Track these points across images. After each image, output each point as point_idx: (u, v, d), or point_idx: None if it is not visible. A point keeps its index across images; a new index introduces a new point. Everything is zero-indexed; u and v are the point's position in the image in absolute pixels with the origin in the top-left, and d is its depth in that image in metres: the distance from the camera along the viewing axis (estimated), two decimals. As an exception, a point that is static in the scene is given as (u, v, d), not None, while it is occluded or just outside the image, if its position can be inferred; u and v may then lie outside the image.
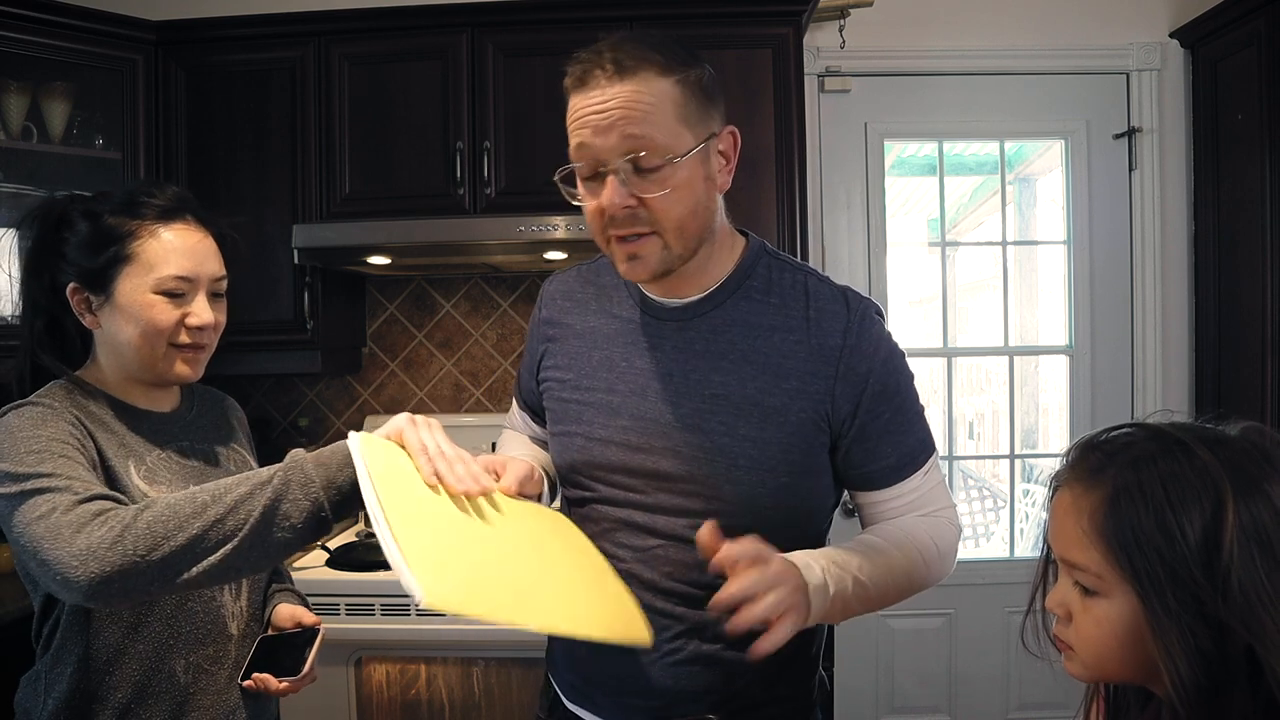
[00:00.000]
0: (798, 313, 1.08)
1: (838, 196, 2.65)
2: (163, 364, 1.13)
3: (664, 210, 0.99)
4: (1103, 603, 0.73)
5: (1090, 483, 0.74)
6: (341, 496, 0.94)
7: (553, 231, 2.07)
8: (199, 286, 1.14)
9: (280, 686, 1.16)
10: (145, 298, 1.10)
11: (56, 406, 1.06)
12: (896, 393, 1.08)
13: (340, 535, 2.34)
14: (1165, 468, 0.71)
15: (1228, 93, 2.37)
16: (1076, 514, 0.74)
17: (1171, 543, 0.69)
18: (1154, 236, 2.60)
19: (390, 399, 2.67)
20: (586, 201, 1.03)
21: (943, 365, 2.72)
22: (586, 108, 0.99)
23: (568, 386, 1.15)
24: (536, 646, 1.89)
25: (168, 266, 1.11)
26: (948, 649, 2.68)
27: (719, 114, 1.05)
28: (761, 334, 1.07)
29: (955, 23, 2.60)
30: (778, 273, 1.11)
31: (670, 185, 0.99)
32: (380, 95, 2.28)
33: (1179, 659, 0.68)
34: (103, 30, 2.22)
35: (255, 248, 2.26)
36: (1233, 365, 2.38)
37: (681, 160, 0.99)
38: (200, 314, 1.13)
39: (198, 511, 0.90)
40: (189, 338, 1.13)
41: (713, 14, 2.23)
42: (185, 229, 1.14)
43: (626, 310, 1.14)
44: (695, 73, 1.01)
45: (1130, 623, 0.72)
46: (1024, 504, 3.44)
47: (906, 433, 1.09)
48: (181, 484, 1.14)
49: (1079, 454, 0.77)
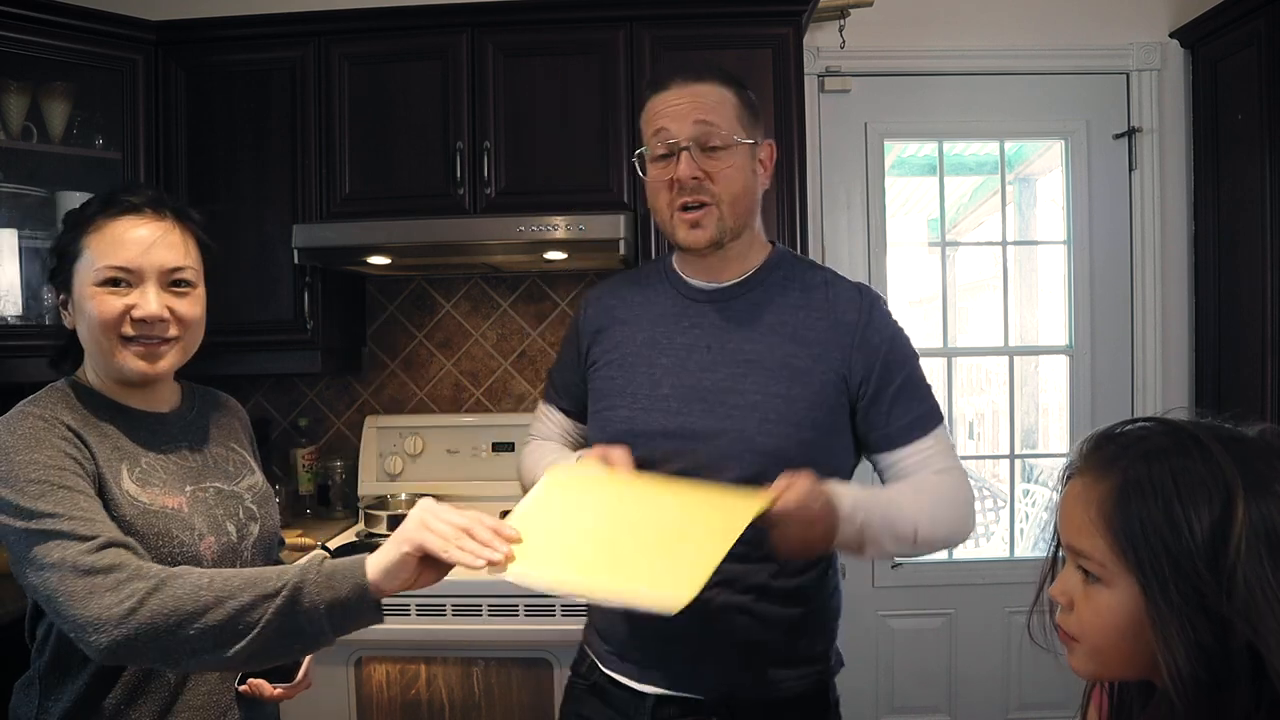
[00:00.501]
0: (819, 297, 1.28)
1: (838, 196, 2.65)
2: (116, 358, 1.10)
3: (723, 184, 1.22)
4: (1105, 591, 0.74)
5: (1101, 473, 0.74)
6: (346, 614, 0.93)
7: (553, 231, 2.07)
8: (145, 277, 1.10)
9: (274, 693, 1.16)
10: (88, 290, 1.09)
11: (48, 417, 1.05)
12: (905, 364, 1.26)
13: (340, 535, 2.34)
14: (1177, 462, 0.71)
15: (1228, 93, 2.37)
16: (1085, 503, 0.75)
17: (1177, 536, 0.69)
18: (1154, 236, 2.60)
19: (390, 399, 2.67)
20: (657, 178, 1.25)
21: (943, 365, 2.72)
22: (666, 101, 1.24)
23: (614, 365, 1.31)
24: (537, 646, 1.89)
25: (105, 257, 1.09)
26: (948, 649, 2.68)
27: (762, 129, 1.30)
28: (788, 311, 1.26)
29: (955, 23, 2.60)
30: (801, 269, 1.32)
31: (729, 164, 1.22)
32: (380, 95, 2.28)
33: (1178, 651, 0.68)
34: (103, 30, 2.22)
35: (255, 248, 2.26)
36: (1233, 365, 2.38)
37: (737, 146, 1.23)
38: (143, 305, 1.09)
39: (201, 610, 0.92)
40: (134, 329, 1.09)
41: (713, 14, 2.23)
42: (138, 221, 1.11)
43: (668, 297, 1.33)
44: (744, 92, 1.28)
45: (1132, 613, 0.72)
46: (1024, 504, 3.44)
47: (917, 400, 1.25)
48: (178, 485, 1.13)
49: (1093, 444, 0.78)
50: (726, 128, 1.23)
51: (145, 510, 1.07)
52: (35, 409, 1.07)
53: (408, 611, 1.89)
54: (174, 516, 1.09)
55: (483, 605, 1.87)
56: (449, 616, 1.88)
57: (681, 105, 1.22)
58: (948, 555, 2.76)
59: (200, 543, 1.11)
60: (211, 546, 1.12)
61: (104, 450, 1.08)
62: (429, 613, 1.88)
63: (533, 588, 0.96)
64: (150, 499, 1.09)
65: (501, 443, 2.53)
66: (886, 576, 2.67)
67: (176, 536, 1.08)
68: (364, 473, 2.54)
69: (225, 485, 1.20)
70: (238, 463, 1.25)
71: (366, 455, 2.55)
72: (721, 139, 1.22)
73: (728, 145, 1.22)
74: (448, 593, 1.87)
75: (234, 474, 1.23)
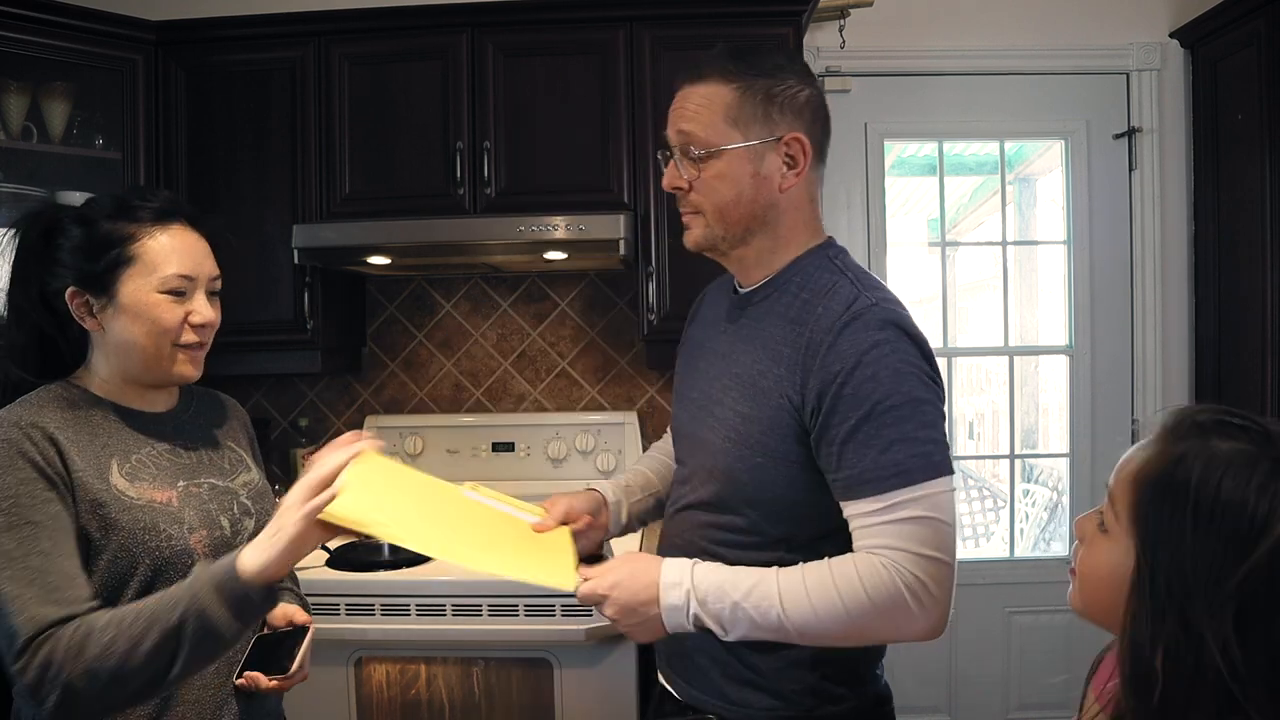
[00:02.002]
0: (809, 309, 1.13)
1: (838, 196, 2.65)
2: (167, 363, 1.15)
3: (705, 193, 1.16)
4: (1107, 542, 0.76)
5: (1168, 443, 0.74)
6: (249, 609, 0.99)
7: (553, 231, 2.07)
8: (199, 285, 1.16)
9: (270, 684, 1.17)
10: (151, 297, 1.12)
11: (14, 435, 1.04)
12: (870, 404, 1.03)
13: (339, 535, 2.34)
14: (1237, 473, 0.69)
15: (1228, 93, 2.37)
16: (1138, 461, 0.75)
17: (1197, 539, 0.69)
18: (1154, 236, 2.60)
19: (390, 399, 2.67)
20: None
21: (943, 365, 2.69)
22: (673, 103, 1.19)
23: (680, 362, 1.36)
24: (537, 646, 1.89)
25: (170, 265, 1.13)
26: (948, 649, 2.68)
27: (787, 122, 1.14)
28: (778, 324, 1.16)
29: (955, 23, 2.60)
30: (820, 272, 1.17)
31: (709, 174, 1.14)
32: (380, 95, 2.28)
33: (1142, 632, 0.69)
34: (103, 30, 2.22)
35: (255, 248, 2.26)
36: (1233, 366, 2.38)
37: (721, 153, 1.13)
38: (202, 311, 1.16)
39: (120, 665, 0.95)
40: (194, 335, 1.15)
41: (713, 14, 2.23)
42: (181, 230, 1.16)
43: (725, 297, 1.30)
44: (765, 83, 1.14)
45: (1123, 575, 0.73)
46: (1024, 504, 3.44)
47: (876, 449, 1.02)
48: (168, 480, 1.15)
49: (1178, 418, 0.76)
50: (707, 133, 1.13)
51: (132, 505, 1.08)
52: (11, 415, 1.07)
53: (408, 611, 1.89)
54: (162, 511, 1.11)
55: (483, 605, 1.87)
56: (449, 616, 1.88)
57: (675, 109, 1.18)
58: (948, 555, 2.76)
59: (190, 536, 1.12)
60: (203, 540, 1.13)
61: (92, 448, 1.09)
62: (429, 613, 1.88)
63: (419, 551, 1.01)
64: (138, 493, 1.10)
65: (501, 443, 2.53)
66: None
67: (164, 531, 1.10)
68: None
69: (220, 481, 1.21)
70: (233, 460, 1.26)
71: (366, 455, 2.54)
72: (700, 145, 1.14)
73: (710, 152, 1.14)
74: (448, 593, 1.87)
75: (229, 471, 1.24)
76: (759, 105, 1.13)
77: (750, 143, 1.13)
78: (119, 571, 1.07)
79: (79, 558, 1.04)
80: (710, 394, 1.21)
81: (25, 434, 1.05)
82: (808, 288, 1.15)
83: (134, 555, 1.07)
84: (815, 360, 1.07)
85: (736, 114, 1.13)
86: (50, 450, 1.05)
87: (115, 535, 1.06)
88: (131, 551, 1.07)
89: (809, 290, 1.15)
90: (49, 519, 1.02)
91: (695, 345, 1.32)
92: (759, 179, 1.14)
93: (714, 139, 1.13)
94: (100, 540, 1.06)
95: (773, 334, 1.15)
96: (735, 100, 1.13)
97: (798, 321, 1.12)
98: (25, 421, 1.06)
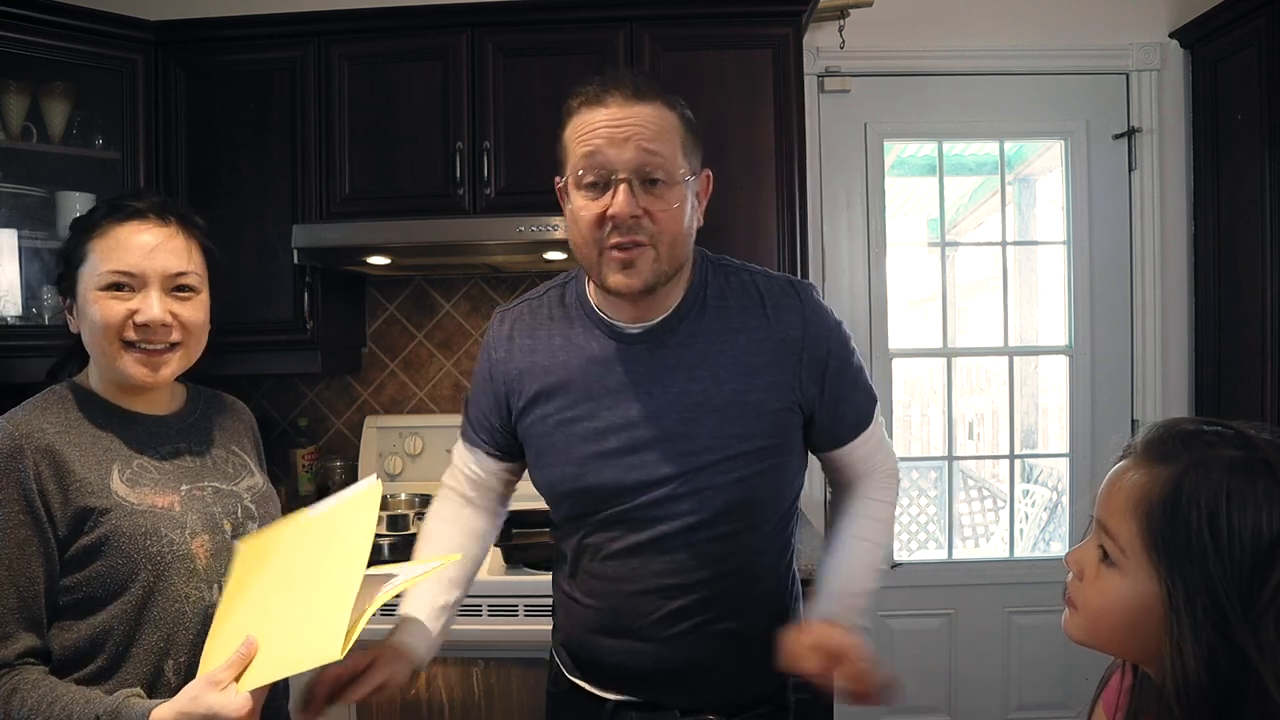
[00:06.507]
0: (756, 312, 1.17)
1: (838, 196, 2.65)
2: (118, 364, 1.11)
3: (664, 224, 1.08)
4: (1117, 576, 0.74)
5: (1155, 464, 0.73)
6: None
7: (553, 231, 2.06)
8: (148, 282, 1.11)
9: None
10: (91, 294, 1.11)
11: (8, 448, 1.04)
12: (848, 360, 1.21)
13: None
14: (1238, 483, 0.69)
15: (1228, 93, 2.37)
16: (1130, 487, 0.74)
17: (1219, 557, 0.68)
18: (1154, 236, 2.60)
19: (390, 399, 2.67)
20: (585, 209, 1.08)
21: (943, 365, 2.71)
22: (600, 121, 1.07)
23: (549, 420, 1.19)
24: (537, 646, 1.89)
25: (108, 262, 1.10)
26: (948, 649, 2.68)
27: (700, 156, 1.15)
28: (727, 337, 1.16)
29: (955, 23, 2.60)
30: (724, 278, 1.20)
31: (674, 202, 1.08)
32: (380, 95, 2.28)
33: (1189, 661, 0.67)
34: (102, 30, 2.22)
35: (255, 248, 2.26)
36: (1233, 365, 2.38)
37: (684, 182, 1.09)
38: (146, 310, 1.10)
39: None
40: (136, 334, 1.11)
41: (713, 14, 2.23)
42: (143, 226, 1.13)
43: (596, 340, 1.18)
44: (688, 116, 1.13)
45: (1140, 605, 0.71)
46: (1024, 504, 3.44)
47: (861, 394, 1.23)
48: (171, 485, 1.14)
49: (1158, 433, 0.76)
50: (671, 161, 1.07)
51: (132, 510, 1.08)
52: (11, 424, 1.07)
53: (408, 611, 1.88)
54: (163, 516, 1.10)
55: (483, 605, 1.87)
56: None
57: (623, 128, 1.06)
58: (947, 555, 2.76)
59: (192, 541, 1.12)
60: (205, 544, 1.13)
61: (93, 454, 1.09)
62: (429, 613, 1.88)
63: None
64: (139, 499, 1.10)
65: (501, 443, 2.52)
66: (886, 577, 2.65)
67: (165, 535, 1.09)
68: (364, 473, 2.53)
69: (223, 485, 1.21)
70: (237, 464, 1.26)
71: (366, 455, 2.55)
72: (666, 173, 1.07)
73: (672, 181, 1.07)
74: (448, 593, 1.87)
75: (233, 475, 1.24)
76: (693, 137, 1.13)
77: (696, 174, 1.13)
78: (120, 576, 1.06)
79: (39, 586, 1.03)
80: (663, 433, 1.13)
81: (20, 448, 1.04)
82: (730, 296, 1.18)
83: (135, 560, 1.07)
84: (800, 355, 1.16)
85: (686, 143, 1.11)
86: (44, 465, 1.05)
87: (116, 540, 1.06)
88: (133, 557, 1.07)
89: (734, 298, 1.18)
90: (14, 547, 1.02)
91: (583, 396, 1.16)
92: (694, 213, 1.14)
93: (678, 166, 1.09)
94: (100, 546, 1.06)
95: (727, 350, 1.15)
96: (685, 129, 1.11)
97: (757, 330, 1.16)
98: (23, 432, 1.06)
